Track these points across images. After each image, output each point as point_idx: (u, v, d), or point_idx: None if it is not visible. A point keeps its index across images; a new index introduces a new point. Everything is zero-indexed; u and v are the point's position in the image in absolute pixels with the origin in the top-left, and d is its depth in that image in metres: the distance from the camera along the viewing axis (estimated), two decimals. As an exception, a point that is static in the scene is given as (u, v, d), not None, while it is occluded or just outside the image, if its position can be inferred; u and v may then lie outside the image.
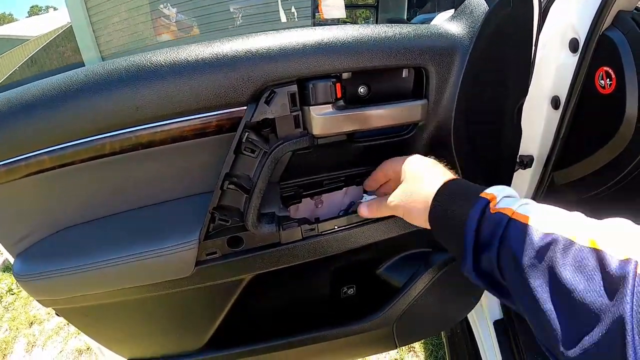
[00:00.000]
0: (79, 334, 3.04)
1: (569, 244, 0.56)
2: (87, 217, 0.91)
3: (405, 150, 0.94)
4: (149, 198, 0.91)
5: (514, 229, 0.63)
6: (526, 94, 1.05)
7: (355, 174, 0.97)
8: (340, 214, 1.01)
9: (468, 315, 1.79)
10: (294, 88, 0.81)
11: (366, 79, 0.88)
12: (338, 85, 0.83)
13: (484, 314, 1.66)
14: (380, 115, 0.86)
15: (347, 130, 0.86)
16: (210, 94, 0.79)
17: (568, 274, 0.54)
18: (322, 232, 0.94)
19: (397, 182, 0.85)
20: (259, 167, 0.84)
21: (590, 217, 0.62)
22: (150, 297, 0.97)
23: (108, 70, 0.78)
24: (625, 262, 0.50)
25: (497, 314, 1.61)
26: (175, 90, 0.78)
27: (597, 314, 0.50)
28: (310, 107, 0.82)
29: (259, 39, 0.81)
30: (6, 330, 3.30)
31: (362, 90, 0.88)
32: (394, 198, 0.83)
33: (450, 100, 0.89)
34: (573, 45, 1.14)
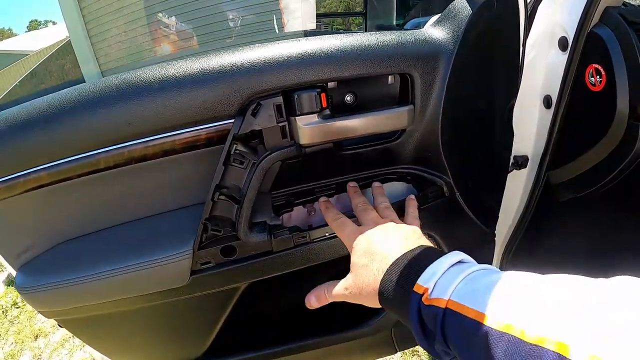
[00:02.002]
0: (84, 346, 3.05)
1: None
2: (85, 230, 0.93)
3: (395, 155, 0.95)
4: (144, 210, 0.93)
5: (451, 323, 0.56)
6: (516, 95, 1.05)
7: (346, 180, 0.98)
8: None
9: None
10: (279, 99, 0.82)
11: (352, 87, 0.89)
12: (323, 95, 0.83)
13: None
14: (366, 124, 0.86)
15: (333, 139, 0.86)
16: (199, 108, 0.80)
17: None
18: (313, 239, 0.94)
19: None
20: (248, 178, 0.85)
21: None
22: (149, 307, 0.98)
23: (100, 88, 0.80)
24: None
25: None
26: (164, 106, 0.80)
27: None
28: (297, 117, 0.83)
29: (244, 53, 0.82)
30: (12, 343, 3.31)
31: (348, 98, 0.89)
32: (340, 289, 0.79)
33: (436, 105, 0.89)
34: (562, 43, 1.15)
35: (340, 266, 1.03)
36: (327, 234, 0.95)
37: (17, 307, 3.74)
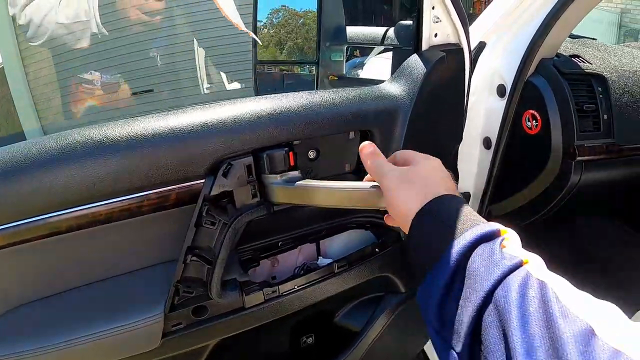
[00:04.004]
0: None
1: None
2: (43, 293, 0.87)
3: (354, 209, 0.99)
4: (109, 270, 0.89)
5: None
6: (461, 139, 1.12)
7: (308, 232, 1.00)
8: (296, 271, 1.03)
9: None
10: (249, 160, 0.83)
11: (315, 143, 0.91)
12: (291, 153, 0.85)
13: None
14: (336, 197, 0.82)
15: (301, 204, 0.86)
16: (168, 168, 0.79)
17: None
18: (283, 292, 0.95)
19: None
20: (219, 238, 0.85)
21: (529, 245, 0.56)
22: None
23: (62, 146, 0.76)
24: None
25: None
26: (132, 165, 0.77)
27: None
28: (266, 176, 0.84)
29: (214, 111, 0.82)
30: None
31: (311, 154, 0.91)
32: (394, 172, 0.72)
33: None
34: (500, 90, 1.24)
35: (305, 314, 1.06)
36: (295, 286, 0.96)
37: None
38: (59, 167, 0.75)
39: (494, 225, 0.60)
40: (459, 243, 0.58)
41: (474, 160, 1.35)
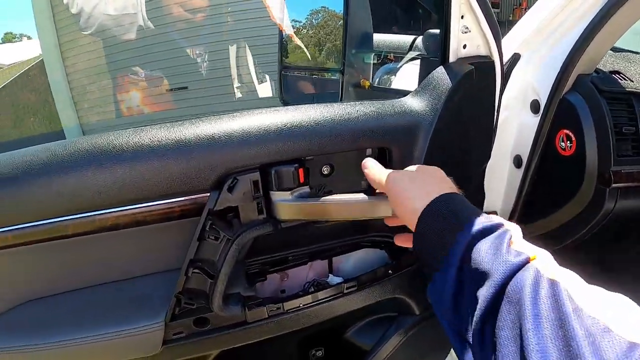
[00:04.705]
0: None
1: None
2: (49, 292, 0.89)
3: (369, 224, 0.95)
4: (113, 275, 0.90)
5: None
6: (489, 158, 1.07)
7: (320, 249, 0.97)
8: (306, 286, 1.00)
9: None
10: (256, 175, 0.81)
11: (329, 158, 0.88)
12: (301, 170, 0.82)
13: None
14: (345, 210, 0.84)
15: (309, 219, 0.85)
16: (173, 180, 0.78)
17: None
18: (287, 310, 0.93)
19: None
20: (223, 253, 0.83)
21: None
22: None
23: (70, 152, 0.77)
24: None
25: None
26: (137, 176, 0.77)
27: None
28: (274, 193, 0.82)
29: (221, 124, 0.80)
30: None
31: (325, 170, 0.88)
32: (395, 175, 0.76)
33: None
34: (534, 106, 1.17)
35: (316, 327, 1.03)
36: (301, 305, 0.94)
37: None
38: (67, 174, 0.76)
39: (498, 220, 0.63)
40: (466, 239, 0.60)
41: (503, 179, 1.29)
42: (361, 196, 0.82)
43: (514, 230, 0.62)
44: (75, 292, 0.89)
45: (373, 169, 0.80)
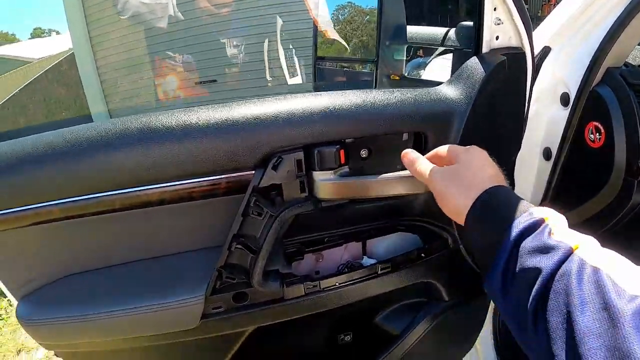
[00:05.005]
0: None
1: None
2: (93, 265, 0.93)
3: (404, 208, 0.97)
4: (156, 250, 0.94)
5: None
6: (519, 149, 1.09)
7: (355, 231, 1.00)
8: (340, 268, 1.03)
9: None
10: (300, 155, 0.84)
11: (368, 142, 0.91)
12: (342, 151, 0.86)
13: (479, 358, 1.68)
14: (384, 186, 0.87)
15: (350, 197, 0.88)
16: (220, 158, 0.82)
17: None
18: (324, 288, 0.96)
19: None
20: (265, 229, 0.86)
21: None
22: (155, 346, 0.99)
23: (120, 130, 0.81)
24: None
25: (492, 357, 1.62)
26: (185, 154, 0.81)
27: None
28: (316, 173, 0.85)
29: (267, 105, 0.84)
30: (-7, 357, 3.25)
31: (363, 153, 0.91)
32: (438, 172, 0.76)
33: None
34: (564, 99, 1.19)
35: (345, 311, 1.06)
36: (337, 284, 0.96)
37: (1, 319, 3.67)
38: (115, 150, 0.80)
39: (542, 212, 0.64)
40: (509, 243, 0.62)
41: (532, 171, 1.31)
42: (401, 172, 0.85)
43: (556, 220, 0.63)
44: (116, 267, 0.93)
45: (416, 162, 0.79)
